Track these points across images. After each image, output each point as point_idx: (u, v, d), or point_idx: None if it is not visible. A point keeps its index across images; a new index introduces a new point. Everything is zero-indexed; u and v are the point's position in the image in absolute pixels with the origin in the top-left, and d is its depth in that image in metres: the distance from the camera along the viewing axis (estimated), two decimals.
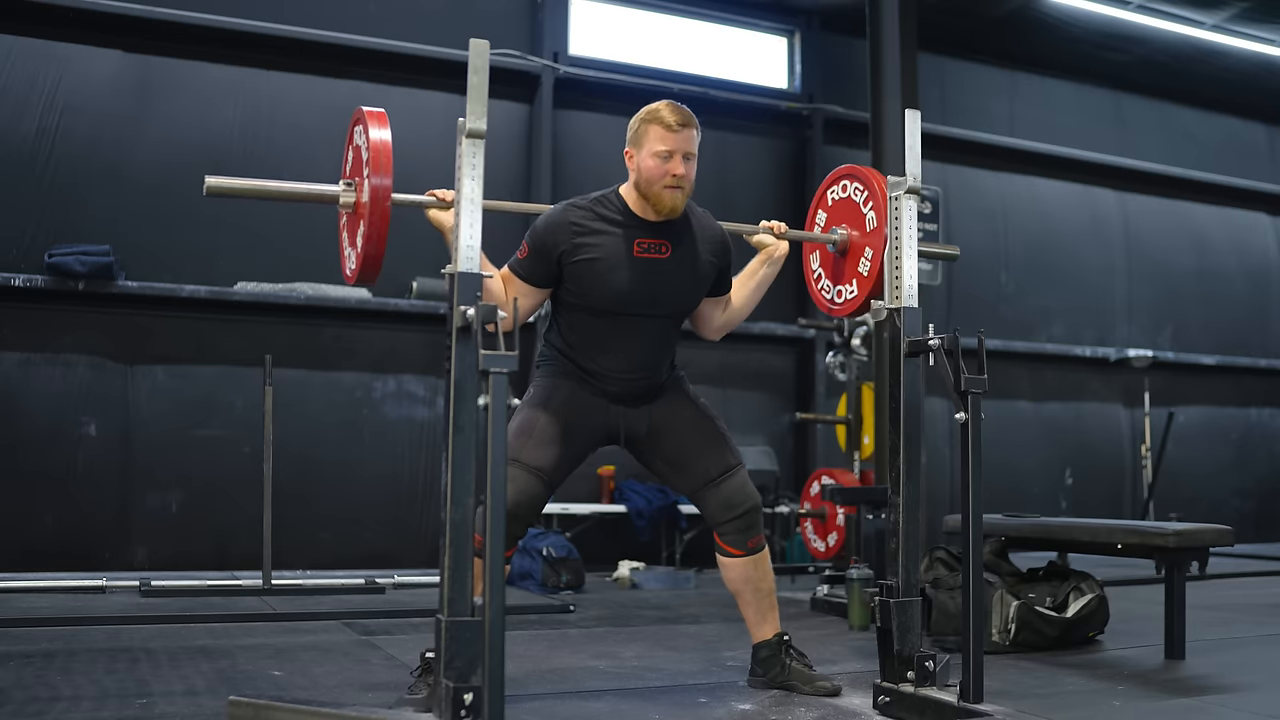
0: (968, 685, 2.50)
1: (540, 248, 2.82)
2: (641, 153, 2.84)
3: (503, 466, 2.07)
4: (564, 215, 2.85)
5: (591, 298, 2.84)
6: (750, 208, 7.81)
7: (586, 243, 2.81)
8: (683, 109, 2.86)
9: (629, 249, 2.83)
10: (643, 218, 2.86)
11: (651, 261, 2.85)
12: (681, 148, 2.82)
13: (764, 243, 3.07)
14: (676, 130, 2.82)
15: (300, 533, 6.16)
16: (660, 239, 2.87)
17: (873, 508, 4.93)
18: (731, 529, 2.93)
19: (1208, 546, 3.65)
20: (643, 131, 2.84)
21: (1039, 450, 8.67)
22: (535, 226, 2.86)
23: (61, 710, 2.67)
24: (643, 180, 2.83)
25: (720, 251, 3.00)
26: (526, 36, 7.24)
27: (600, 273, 2.81)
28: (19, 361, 5.92)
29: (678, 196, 2.83)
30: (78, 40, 6.20)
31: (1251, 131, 10.14)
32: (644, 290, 2.84)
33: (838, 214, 3.09)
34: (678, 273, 2.89)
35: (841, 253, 3.05)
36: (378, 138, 2.44)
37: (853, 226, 3.02)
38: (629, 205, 2.87)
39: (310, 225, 6.39)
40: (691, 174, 2.85)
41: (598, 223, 2.84)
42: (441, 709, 2.16)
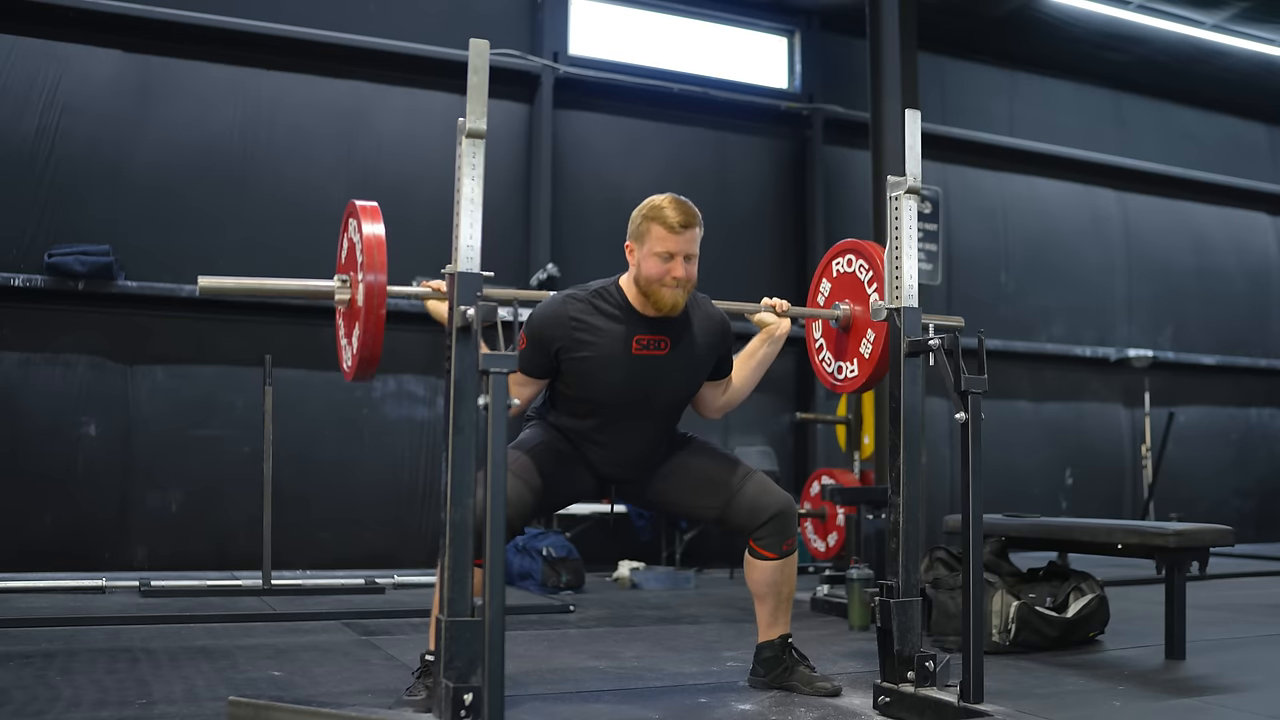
0: (968, 685, 2.50)
1: (538, 342, 2.79)
2: (643, 250, 2.79)
3: (503, 467, 2.07)
4: (563, 310, 2.80)
5: (588, 393, 2.83)
6: (750, 208, 7.84)
7: (584, 339, 2.79)
8: (686, 207, 2.80)
9: (627, 346, 2.80)
10: (642, 313, 2.83)
11: (650, 359, 2.83)
12: (683, 249, 2.77)
13: (765, 321, 3.03)
14: (679, 232, 2.76)
15: (300, 533, 6.16)
16: (659, 334, 2.84)
17: (873, 508, 4.93)
18: (767, 532, 2.90)
19: (1208, 546, 3.65)
20: (645, 229, 2.79)
21: (1039, 450, 8.67)
22: (534, 318, 2.82)
23: (61, 710, 2.67)
24: (643, 278, 2.79)
25: (721, 338, 2.98)
26: (526, 36, 7.24)
27: (598, 370, 2.80)
28: (19, 361, 5.92)
29: (678, 295, 2.79)
30: (78, 40, 6.20)
31: (1251, 131, 10.15)
32: (641, 386, 2.83)
33: (841, 288, 3.07)
34: (676, 368, 2.88)
35: (844, 329, 3.04)
36: (371, 233, 2.39)
37: (855, 302, 3.01)
38: (629, 300, 2.84)
39: (310, 225, 6.39)
40: (694, 273, 2.81)
41: (596, 318, 2.80)
42: (441, 709, 2.16)
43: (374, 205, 2.46)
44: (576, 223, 7.20)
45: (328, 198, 6.57)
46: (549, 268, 6.68)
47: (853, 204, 7.75)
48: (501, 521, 2.06)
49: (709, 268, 3.07)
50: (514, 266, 6.85)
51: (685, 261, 2.78)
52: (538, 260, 6.87)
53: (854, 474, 6.01)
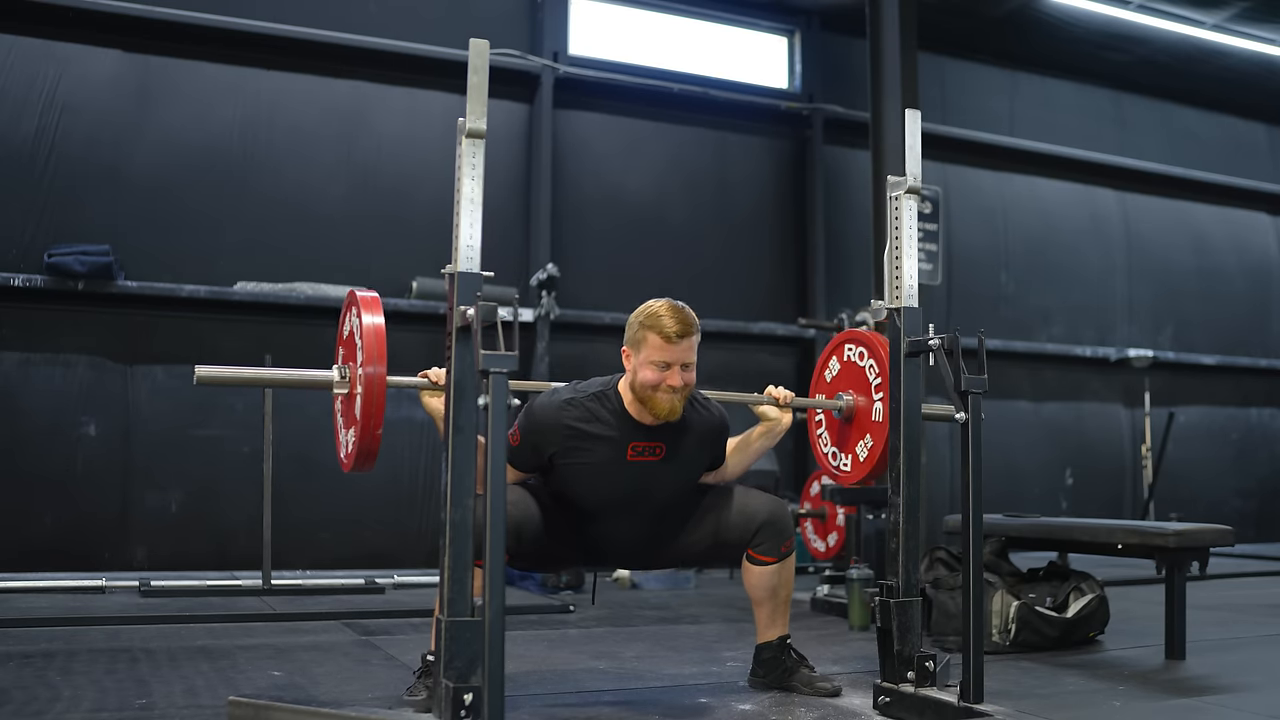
0: (968, 685, 2.50)
1: (533, 443, 2.79)
2: (639, 357, 2.76)
3: (503, 467, 2.07)
4: (559, 417, 2.78)
5: (580, 495, 2.84)
6: (750, 208, 7.83)
7: (579, 446, 2.78)
8: (683, 315, 2.75)
9: (622, 453, 2.80)
10: (639, 420, 2.81)
11: (644, 464, 2.82)
12: (680, 358, 2.73)
13: (767, 415, 3.01)
14: (675, 342, 2.72)
15: (300, 533, 6.16)
16: (656, 441, 2.83)
17: (873, 508, 4.93)
18: (763, 539, 2.91)
19: (1208, 546, 3.65)
20: (641, 336, 2.75)
21: (1039, 450, 8.67)
22: (529, 418, 2.80)
23: (61, 710, 2.67)
24: (639, 385, 2.76)
25: (717, 439, 2.97)
26: (526, 36, 7.24)
27: (590, 477, 2.80)
28: (19, 361, 5.92)
29: (675, 402, 2.76)
30: (77, 40, 6.20)
31: (1252, 131, 10.14)
32: (634, 491, 2.84)
33: (840, 381, 3.07)
34: (671, 471, 2.87)
35: (848, 419, 3.04)
36: (370, 323, 2.38)
37: (858, 392, 3.00)
38: (625, 406, 2.81)
39: (310, 226, 6.39)
40: (691, 380, 2.78)
41: (592, 426, 2.79)
42: (441, 709, 2.16)
43: (374, 296, 2.45)
44: (576, 223, 7.20)
45: (328, 198, 6.58)
46: (549, 268, 6.68)
47: (853, 204, 7.74)
48: (501, 521, 2.06)
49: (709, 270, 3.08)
50: (514, 266, 6.85)
51: (682, 370, 2.75)
52: (538, 260, 6.87)
53: None
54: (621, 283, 7.02)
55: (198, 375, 2.41)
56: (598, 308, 7.01)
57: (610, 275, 7.18)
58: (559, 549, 2.92)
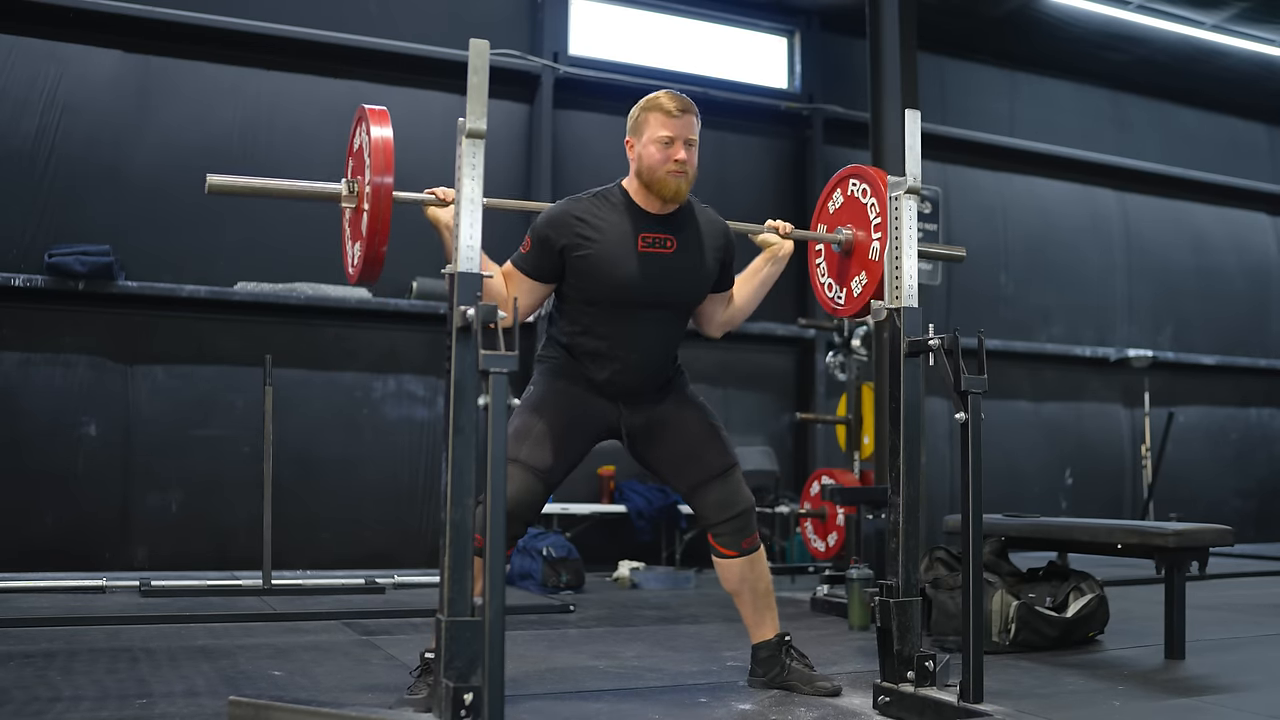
0: (968, 685, 2.50)
1: (543, 242, 2.80)
2: (642, 140, 2.83)
3: (503, 466, 2.07)
4: (567, 209, 2.83)
5: (595, 291, 2.82)
6: (750, 208, 7.80)
7: (590, 236, 2.80)
8: (682, 96, 2.87)
9: (634, 242, 2.82)
10: (647, 210, 2.85)
11: (656, 255, 2.84)
12: (683, 133, 2.82)
13: (768, 241, 3.06)
14: (677, 116, 2.82)
15: (300, 533, 6.16)
16: (665, 233, 2.86)
17: (873, 508, 4.93)
18: (726, 530, 2.93)
19: (1208, 546, 3.65)
20: (643, 120, 2.84)
21: (1039, 450, 8.67)
22: (538, 221, 2.85)
23: (61, 710, 2.67)
24: (645, 168, 2.82)
25: (724, 247, 2.99)
26: (526, 36, 7.24)
27: (604, 266, 2.80)
28: (19, 361, 5.92)
29: (681, 182, 2.82)
30: (77, 40, 6.20)
31: (1251, 131, 10.14)
32: (648, 284, 2.83)
33: (840, 217, 3.09)
34: (682, 266, 2.88)
35: (846, 253, 3.05)
36: (379, 135, 2.43)
37: (857, 225, 3.02)
38: (632, 198, 2.87)
39: (310, 225, 6.38)
40: (694, 160, 2.85)
41: (601, 216, 2.82)
42: (441, 709, 2.16)
43: (383, 109, 2.49)
44: None
45: None
46: None
47: None
48: (501, 521, 2.06)
49: None
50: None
51: (686, 146, 2.82)
52: None
53: (854, 474, 6.00)
54: None
55: (210, 183, 2.46)
56: None
57: None
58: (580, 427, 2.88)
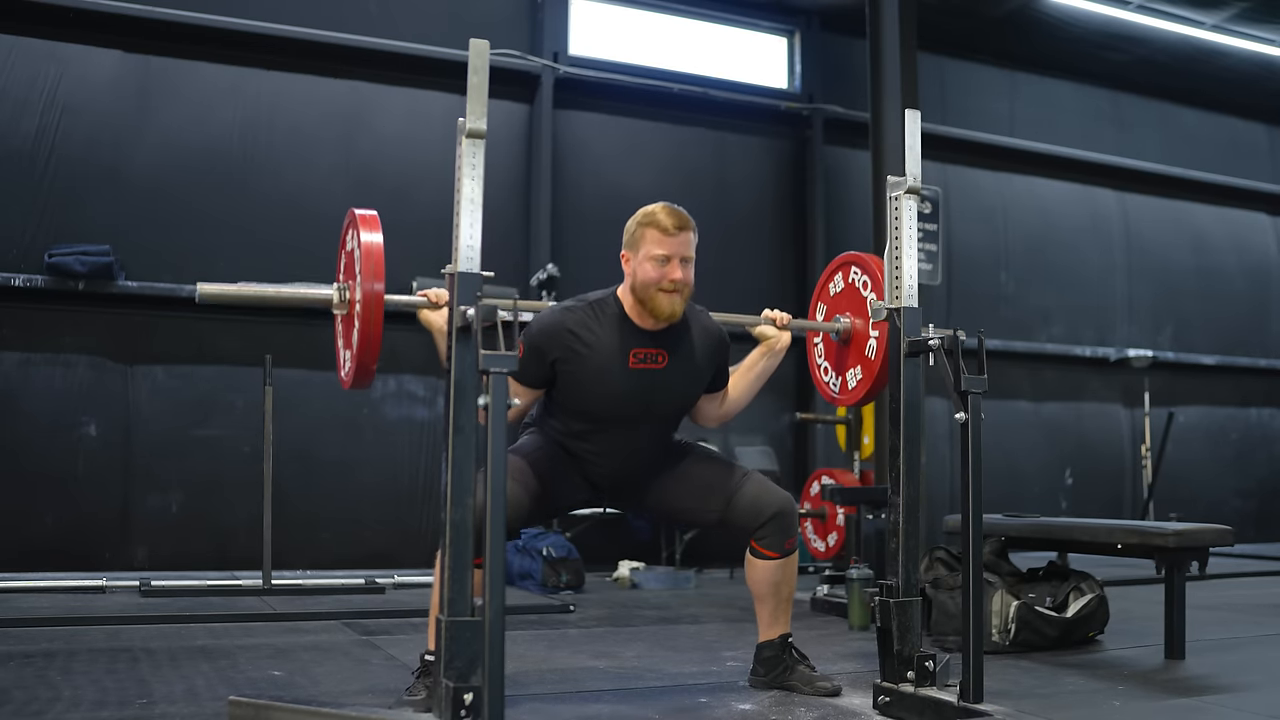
0: (968, 685, 2.50)
1: (535, 351, 2.79)
2: (638, 256, 2.79)
3: (502, 467, 2.07)
4: (560, 321, 2.80)
5: (584, 404, 2.83)
6: (750, 208, 7.84)
7: (581, 352, 2.78)
8: (679, 212, 2.81)
9: (624, 359, 2.80)
10: (639, 325, 2.82)
11: (647, 371, 2.82)
12: (679, 252, 2.77)
13: (765, 334, 3.03)
14: (674, 234, 2.76)
15: (300, 533, 6.16)
16: (657, 348, 2.83)
17: (873, 508, 4.94)
18: (768, 531, 2.90)
19: (1208, 546, 3.65)
20: (639, 235, 2.79)
21: (1039, 450, 8.67)
22: (531, 329, 2.81)
23: (61, 710, 2.67)
24: (639, 285, 2.78)
25: (718, 350, 2.97)
26: (526, 36, 7.24)
27: (594, 382, 2.79)
28: (19, 361, 5.92)
29: (675, 301, 2.78)
30: (77, 40, 6.20)
31: (1251, 131, 10.14)
32: (638, 400, 2.83)
33: (842, 301, 3.08)
34: (673, 381, 2.87)
35: (844, 341, 3.05)
36: (369, 241, 2.39)
37: (855, 314, 3.02)
38: (625, 311, 2.83)
39: (310, 225, 6.38)
40: (690, 277, 2.80)
41: (593, 330, 2.80)
42: (441, 709, 2.16)
43: (373, 214, 2.46)
44: (576, 223, 7.19)
45: (327, 198, 6.57)
46: (549, 268, 6.68)
47: (853, 204, 7.74)
48: (501, 521, 2.06)
49: (708, 269, 3.08)
50: (514, 266, 6.85)
51: (682, 264, 2.77)
52: (538, 260, 6.87)
53: (854, 474, 6.00)
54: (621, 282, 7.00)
55: (200, 291, 2.45)
56: None
57: (610, 275, 7.05)
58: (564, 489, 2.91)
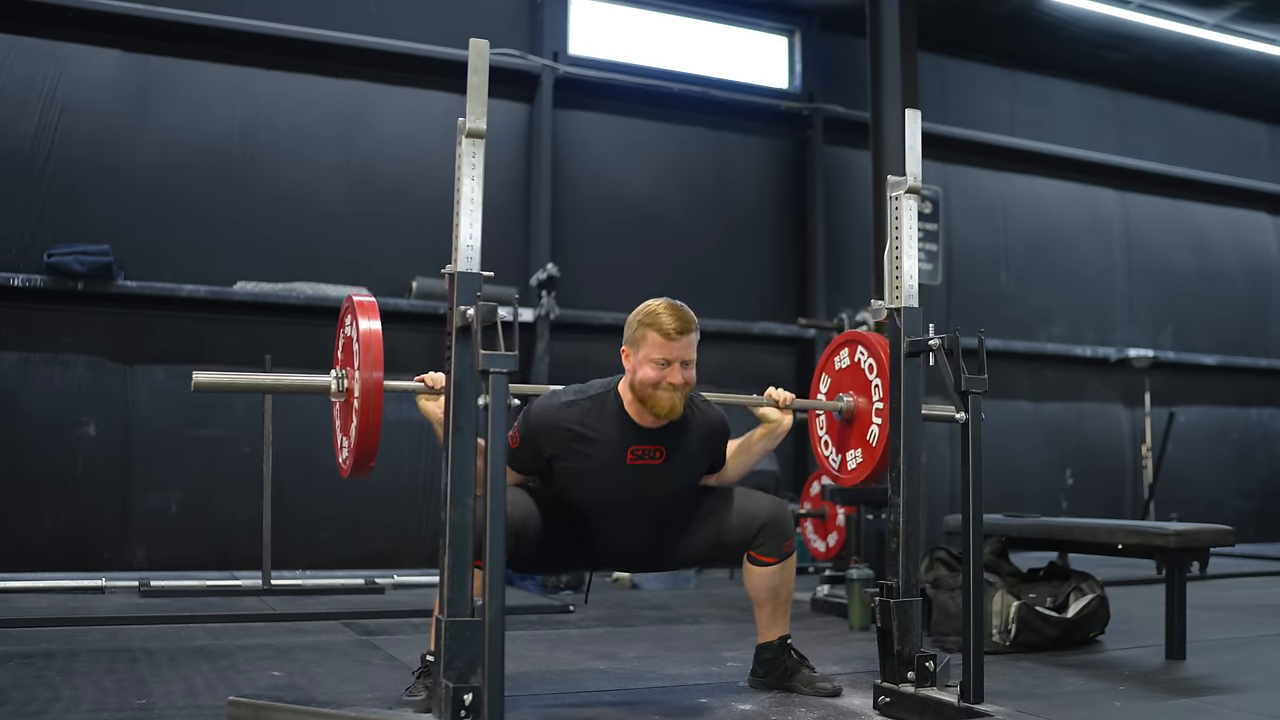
0: (968, 685, 2.50)
1: (532, 444, 2.78)
2: (638, 356, 2.75)
3: (503, 466, 2.07)
4: (558, 418, 2.77)
5: (579, 497, 2.83)
6: (750, 208, 7.83)
7: (578, 449, 2.77)
8: (682, 312, 2.75)
9: (622, 456, 2.78)
10: (639, 423, 2.80)
11: (645, 468, 2.81)
12: (680, 355, 2.72)
13: (768, 417, 3.00)
14: (675, 339, 2.71)
15: (300, 533, 6.16)
16: (656, 444, 2.81)
17: (873, 508, 4.93)
18: (764, 539, 2.90)
19: (1208, 546, 3.65)
20: (640, 335, 2.74)
21: (1039, 450, 8.67)
22: (529, 419, 2.78)
23: (61, 710, 2.66)
24: (638, 384, 2.75)
25: (718, 441, 2.97)
26: (526, 36, 7.24)
27: (589, 479, 2.79)
28: (19, 361, 5.92)
29: (675, 400, 2.74)
30: (77, 40, 6.20)
31: (1252, 131, 10.14)
32: (633, 493, 2.82)
33: (846, 378, 3.07)
34: (671, 475, 2.86)
35: (848, 421, 3.04)
36: (367, 329, 2.38)
37: (859, 394, 3.00)
38: (625, 408, 2.80)
39: (310, 225, 6.38)
40: (691, 378, 2.76)
41: (592, 428, 2.78)
42: (441, 709, 2.16)
43: (371, 301, 2.45)
44: (576, 222, 7.20)
45: (328, 198, 6.58)
46: (549, 267, 6.68)
47: (853, 204, 7.75)
48: (501, 521, 2.06)
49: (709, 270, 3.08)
50: (514, 266, 6.85)
51: (682, 367, 2.73)
52: (538, 260, 6.87)
53: None
54: (621, 283, 7.02)
55: (195, 382, 2.41)
56: (598, 307, 7.01)
57: (610, 275, 7.18)
58: (559, 551, 2.91)
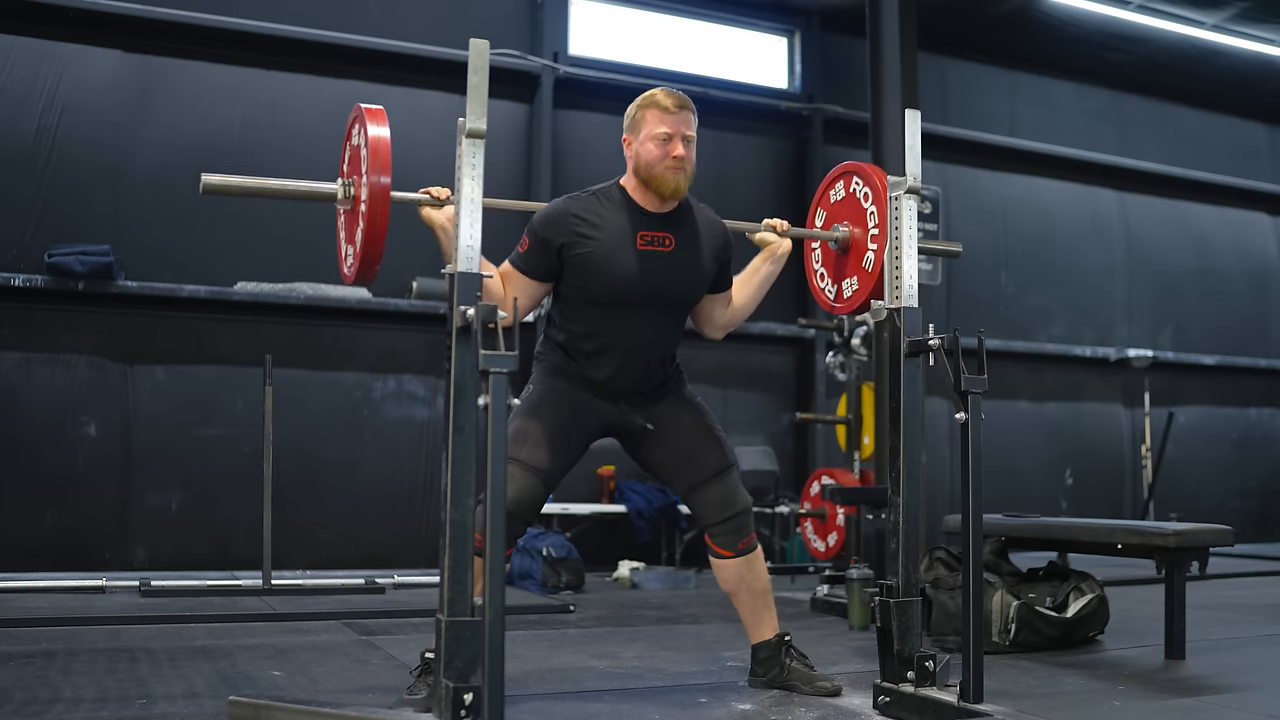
0: (968, 685, 2.50)
1: (541, 240, 2.79)
2: (640, 137, 2.83)
3: (503, 466, 2.07)
4: (565, 207, 2.83)
5: (593, 290, 2.81)
6: (750, 207, 7.80)
7: (588, 235, 2.79)
8: (679, 93, 2.87)
9: (632, 241, 2.81)
10: (645, 208, 2.85)
11: (654, 254, 2.83)
12: (680, 129, 2.82)
13: (766, 240, 3.05)
14: (674, 112, 2.82)
15: (300, 533, 6.16)
16: (664, 231, 2.85)
17: (873, 508, 4.93)
18: (722, 530, 2.93)
19: (1208, 546, 3.65)
20: (640, 117, 2.85)
21: (1039, 450, 8.67)
22: (535, 219, 2.84)
23: (61, 710, 2.67)
24: (643, 165, 2.81)
25: (723, 247, 2.99)
26: (526, 36, 7.24)
27: (602, 265, 2.78)
28: (19, 361, 5.92)
29: (680, 178, 2.82)
30: (78, 40, 6.20)
31: (1251, 131, 10.14)
32: (647, 282, 2.82)
33: (839, 212, 3.08)
34: (681, 266, 2.88)
35: (844, 250, 3.05)
36: (376, 135, 2.42)
37: (855, 224, 3.01)
38: (630, 196, 2.86)
39: (310, 225, 6.38)
40: (692, 156, 2.84)
41: (599, 214, 2.81)
42: (441, 709, 2.16)
43: (379, 108, 2.49)
44: None
45: None
46: None
47: None
48: (501, 521, 2.06)
49: None
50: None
51: (683, 142, 2.81)
52: None
53: (854, 474, 6.00)
54: None
55: (204, 183, 2.46)
56: None
57: None
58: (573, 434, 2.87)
